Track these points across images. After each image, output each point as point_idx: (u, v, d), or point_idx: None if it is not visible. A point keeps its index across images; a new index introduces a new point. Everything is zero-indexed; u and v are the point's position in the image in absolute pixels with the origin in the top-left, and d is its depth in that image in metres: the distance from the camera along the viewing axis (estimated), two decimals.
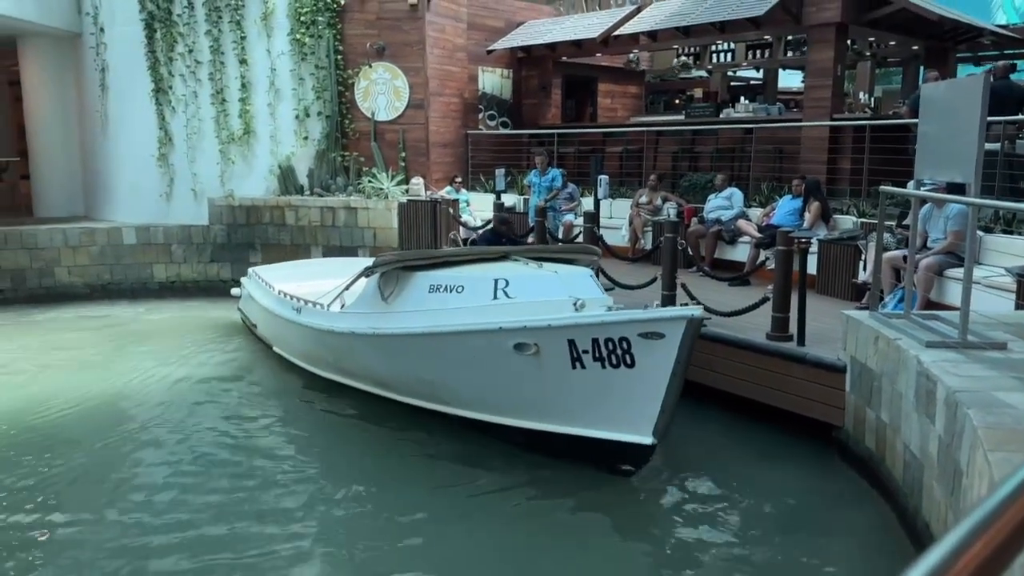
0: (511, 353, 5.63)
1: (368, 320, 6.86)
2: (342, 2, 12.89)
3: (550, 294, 6.00)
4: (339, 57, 13.02)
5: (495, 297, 6.06)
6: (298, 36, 12.70)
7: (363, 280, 7.19)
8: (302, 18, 12.67)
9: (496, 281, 6.13)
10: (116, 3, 12.69)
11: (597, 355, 5.29)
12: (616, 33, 12.73)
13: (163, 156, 12.79)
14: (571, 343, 5.35)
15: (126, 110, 12.92)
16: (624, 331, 5.14)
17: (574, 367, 5.41)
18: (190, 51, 12.53)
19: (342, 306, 7.50)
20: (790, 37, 13.41)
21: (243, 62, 12.61)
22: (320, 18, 12.76)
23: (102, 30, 12.89)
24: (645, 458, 5.48)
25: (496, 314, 5.85)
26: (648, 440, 5.27)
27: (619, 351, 5.20)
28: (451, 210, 11.79)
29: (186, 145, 12.76)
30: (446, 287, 6.31)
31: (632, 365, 5.19)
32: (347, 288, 7.57)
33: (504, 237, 9.32)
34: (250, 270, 10.37)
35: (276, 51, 12.70)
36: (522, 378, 5.75)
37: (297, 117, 12.92)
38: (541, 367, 5.58)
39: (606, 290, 8.62)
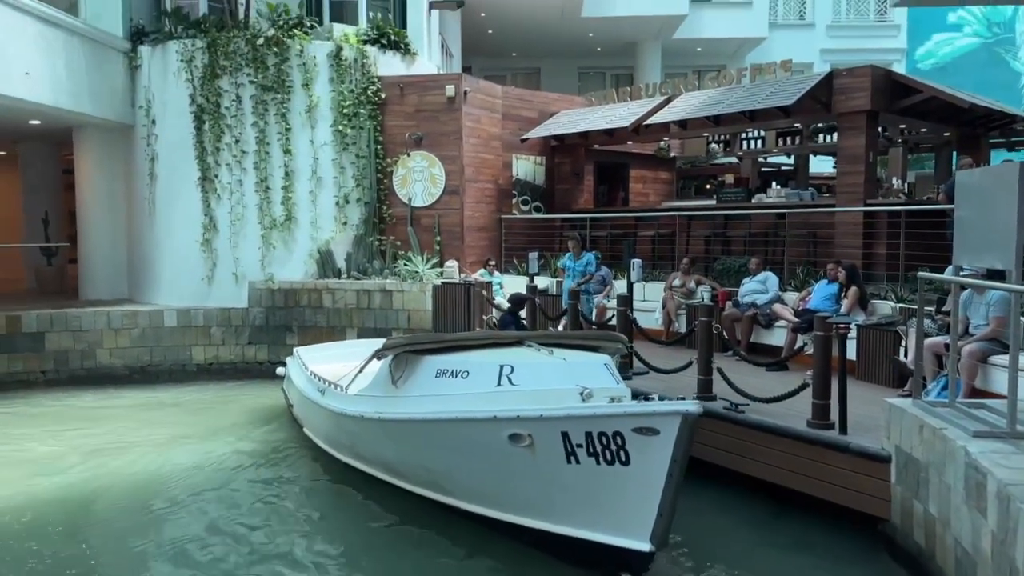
0: (507, 444, 5.43)
1: (376, 404, 6.77)
2: (383, 96, 13.44)
3: (557, 382, 5.81)
4: (379, 146, 13.50)
5: (499, 384, 5.89)
6: (340, 127, 13.20)
7: (376, 362, 7.12)
8: (344, 111, 13.20)
9: (502, 367, 5.97)
10: (168, 97, 13.34)
11: (591, 450, 5.02)
12: (647, 122, 13.01)
13: (207, 241, 13.17)
14: (564, 435, 5.11)
15: (173, 197, 13.40)
16: (617, 425, 4.87)
17: (568, 462, 5.15)
18: (236, 141, 13.05)
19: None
20: (820, 124, 13.58)
21: (287, 152, 13.08)
22: (362, 111, 13.29)
23: (153, 122, 13.50)
24: (644, 566, 5.10)
25: (496, 402, 5.68)
26: (645, 547, 4.92)
27: (613, 446, 4.92)
28: (484, 292, 11.91)
29: (230, 231, 13.14)
30: (452, 372, 6.19)
31: (627, 463, 4.90)
32: (361, 370, 7.54)
33: (516, 316, 9.50)
34: (295, 350, 10.43)
35: (319, 141, 13.19)
36: (518, 471, 5.51)
37: (337, 203, 13.30)
38: (536, 460, 5.34)
39: (639, 374, 8.64)
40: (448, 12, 16.93)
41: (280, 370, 10.67)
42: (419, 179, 13.59)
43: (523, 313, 10.08)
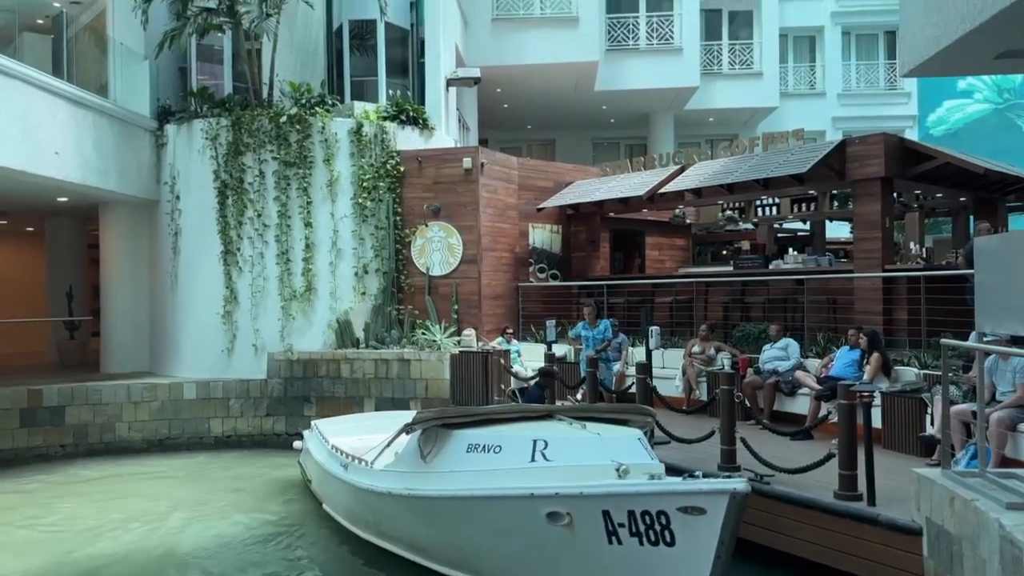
0: (544, 523, 5.29)
1: (405, 480, 6.63)
2: (402, 169, 13.73)
3: (591, 458, 5.70)
4: (397, 218, 13.71)
5: (532, 459, 5.78)
6: (360, 200, 13.46)
7: (404, 437, 7.01)
8: (364, 184, 13.47)
9: (535, 442, 5.87)
10: (192, 173, 13.67)
11: (634, 530, 4.88)
12: (662, 191, 13.15)
13: (227, 313, 13.30)
14: (606, 514, 4.98)
15: (195, 271, 13.60)
16: (661, 504, 4.74)
17: (610, 542, 5.01)
18: (259, 215, 13.30)
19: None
20: (835, 191, 13.65)
21: (308, 225, 13.31)
22: (381, 184, 13.56)
23: (178, 197, 13.80)
24: None
25: (531, 478, 5.56)
26: None
27: (657, 526, 4.78)
28: (502, 360, 11.88)
29: (250, 303, 13.27)
30: (484, 447, 6.07)
31: (672, 543, 4.76)
32: (388, 445, 7.43)
33: (547, 388, 9.37)
34: (313, 423, 10.36)
35: (339, 214, 13.42)
36: (556, 552, 5.35)
37: (356, 274, 13.45)
38: (575, 540, 5.18)
39: (660, 443, 8.50)
40: (465, 88, 17.38)
41: (296, 443, 10.58)
42: (437, 249, 13.76)
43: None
